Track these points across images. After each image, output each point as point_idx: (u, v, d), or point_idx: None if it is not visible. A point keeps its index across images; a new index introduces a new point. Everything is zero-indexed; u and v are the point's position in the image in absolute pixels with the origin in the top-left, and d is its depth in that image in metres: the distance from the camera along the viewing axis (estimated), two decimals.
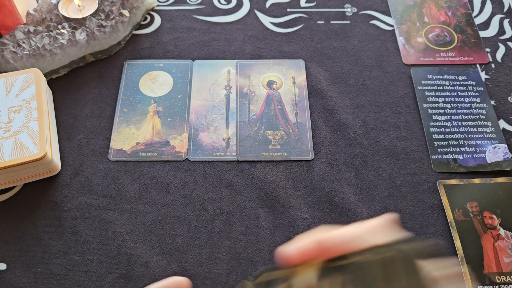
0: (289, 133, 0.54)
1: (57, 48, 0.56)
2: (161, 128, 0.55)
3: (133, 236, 0.47)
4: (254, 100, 0.57)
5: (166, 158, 0.52)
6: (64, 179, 0.51)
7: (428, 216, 0.48)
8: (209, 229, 0.48)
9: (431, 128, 0.55)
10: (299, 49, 0.61)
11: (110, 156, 0.52)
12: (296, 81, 0.58)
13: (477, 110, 0.56)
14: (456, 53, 0.61)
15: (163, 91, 0.58)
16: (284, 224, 0.48)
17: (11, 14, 0.56)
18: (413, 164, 0.52)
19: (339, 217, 0.48)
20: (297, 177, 0.51)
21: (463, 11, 0.66)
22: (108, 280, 0.45)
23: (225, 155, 0.53)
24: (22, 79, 0.52)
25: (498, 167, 0.51)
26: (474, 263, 0.45)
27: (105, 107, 0.56)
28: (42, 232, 0.47)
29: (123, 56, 0.61)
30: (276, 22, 0.64)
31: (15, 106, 0.50)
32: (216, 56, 0.61)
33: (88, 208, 0.49)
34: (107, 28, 0.58)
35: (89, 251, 0.46)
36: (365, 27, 0.64)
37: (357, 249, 0.22)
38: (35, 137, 0.48)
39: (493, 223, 0.47)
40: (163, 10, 0.65)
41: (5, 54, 0.54)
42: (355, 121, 0.55)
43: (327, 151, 0.53)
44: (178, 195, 0.50)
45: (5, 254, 0.46)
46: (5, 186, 0.49)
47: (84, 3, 0.60)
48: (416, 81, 0.58)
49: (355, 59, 0.61)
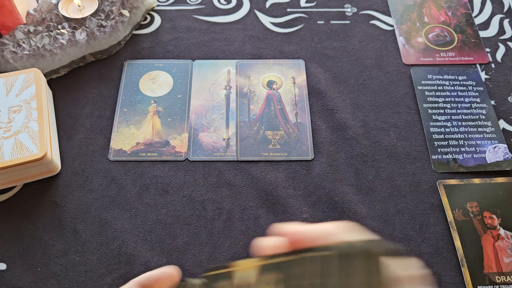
0: (289, 133, 0.54)
1: (57, 48, 0.56)
2: (161, 128, 0.55)
3: (133, 236, 0.47)
4: (254, 100, 0.57)
5: (166, 158, 0.52)
6: (64, 179, 0.51)
7: (428, 216, 0.48)
8: (209, 229, 0.48)
9: (431, 128, 0.55)
10: (299, 49, 0.61)
11: (110, 156, 0.52)
12: (296, 81, 0.58)
13: (477, 110, 0.56)
14: (456, 53, 0.61)
15: (163, 91, 0.58)
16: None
17: (11, 14, 0.56)
18: (413, 164, 0.52)
19: (339, 217, 0.48)
20: (297, 177, 0.51)
21: (463, 11, 0.66)
22: (108, 280, 0.45)
23: (225, 155, 0.53)
24: (22, 79, 0.52)
25: (498, 167, 0.51)
26: (474, 263, 0.45)
27: (105, 107, 0.56)
28: (42, 232, 0.47)
29: (123, 56, 0.61)
30: (276, 22, 0.64)
31: (15, 106, 0.50)
32: (216, 56, 0.61)
33: (88, 208, 0.49)
34: (107, 28, 0.58)
35: (89, 251, 0.46)
36: (365, 27, 0.64)
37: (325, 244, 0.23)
38: (35, 137, 0.48)
39: (493, 223, 0.47)
40: (163, 10, 0.65)
41: (5, 54, 0.54)
42: (355, 121, 0.55)
43: (327, 151, 0.53)
44: (178, 195, 0.50)
45: (5, 254, 0.46)
46: (5, 186, 0.49)
47: (84, 3, 0.60)
48: (416, 81, 0.58)
49: (355, 59, 0.61)
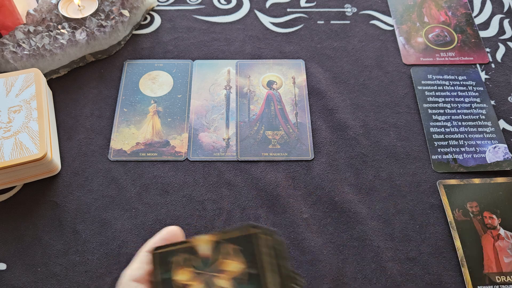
0: (289, 133, 0.54)
1: (57, 48, 0.56)
2: (161, 128, 0.55)
3: (133, 236, 0.47)
4: (254, 100, 0.57)
5: (166, 158, 0.52)
6: (64, 179, 0.51)
7: (428, 216, 0.48)
8: (209, 229, 0.48)
9: (431, 128, 0.55)
10: (299, 49, 0.61)
11: (110, 156, 0.52)
12: (296, 81, 0.58)
13: (477, 110, 0.56)
14: (456, 53, 0.61)
15: (163, 91, 0.58)
16: (284, 224, 0.48)
17: (11, 14, 0.56)
18: (413, 164, 0.52)
19: (339, 217, 0.48)
20: (297, 177, 0.51)
21: (463, 11, 0.66)
22: (108, 280, 0.45)
23: (225, 155, 0.53)
24: (22, 79, 0.52)
25: (498, 167, 0.51)
26: (474, 263, 0.45)
27: (105, 107, 0.56)
28: (42, 232, 0.47)
29: (123, 56, 0.61)
30: (276, 22, 0.64)
31: (15, 106, 0.50)
32: (216, 56, 0.61)
33: (88, 208, 0.49)
34: (107, 28, 0.58)
35: (89, 251, 0.46)
36: (365, 27, 0.64)
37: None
38: (35, 137, 0.48)
39: (493, 223, 0.47)
40: (163, 10, 0.65)
41: (5, 54, 0.54)
42: (355, 121, 0.55)
43: (327, 151, 0.53)
44: (178, 195, 0.50)
45: (5, 254, 0.46)
46: (5, 186, 0.49)
47: (84, 3, 0.60)
48: (416, 81, 0.58)
49: (355, 59, 0.61)
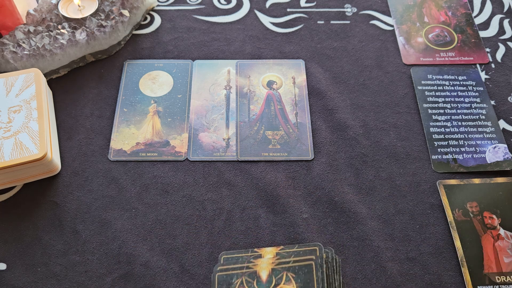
0: (289, 133, 0.54)
1: (57, 48, 0.56)
2: (161, 128, 0.55)
3: (133, 236, 0.47)
4: (254, 100, 0.57)
5: (166, 158, 0.52)
6: (64, 179, 0.51)
7: (428, 216, 0.48)
8: (209, 229, 0.48)
9: (431, 128, 0.55)
10: (299, 49, 0.61)
11: (110, 156, 0.52)
12: (296, 81, 0.58)
13: (477, 110, 0.56)
14: (456, 53, 0.61)
15: (163, 91, 0.58)
16: (284, 224, 0.48)
17: (11, 14, 0.56)
18: (413, 164, 0.52)
19: (339, 217, 0.48)
20: (297, 177, 0.51)
21: (463, 11, 0.66)
22: (108, 280, 0.45)
23: (225, 155, 0.53)
24: (22, 79, 0.52)
25: (498, 167, 0.51)
26: (474, 263, 0.45)
27: (105, 107, 0.56)
28: (42, 232, 0.47)
29: (123, 56, 0.61)
30: (276, 22, 0.64)
31: (15, 106, 0.50)
32: (216, 56, 0.61)
33: (88, 208, 0.49)
34: (107, 28, 0.58)
35: (89, 251, 0.46)
36: (365, 27, 0.64)
37: None
38: (35, 137, 0.48)
39: (493, 223, 0.47)
40: (163, 10, 0.65)
41: (5, 54, 0.54)
42: (355, 121, 0.55)
43: (327, 151, 0.53)
44: (178, 195, 0.50)
45: (5, 254, 0.46)
46: (5, 186, 0.49)
47: (84, 3, 0.60)
48: (416, 81, 0.58)
49: (355, 59, 0.61)
